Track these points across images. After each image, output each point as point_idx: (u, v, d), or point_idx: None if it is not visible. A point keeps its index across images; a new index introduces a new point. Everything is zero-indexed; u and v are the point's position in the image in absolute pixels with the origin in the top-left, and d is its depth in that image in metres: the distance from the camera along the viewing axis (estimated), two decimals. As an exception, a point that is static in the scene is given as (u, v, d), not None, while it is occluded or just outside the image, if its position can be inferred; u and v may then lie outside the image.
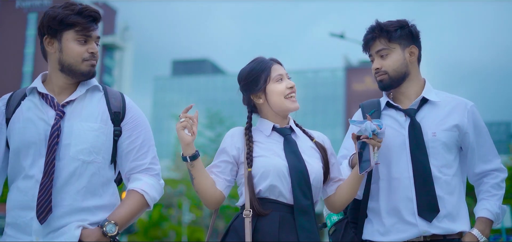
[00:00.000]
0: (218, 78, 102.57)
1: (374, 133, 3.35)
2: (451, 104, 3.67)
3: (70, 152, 3.14)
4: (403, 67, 3.64)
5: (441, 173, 3.55)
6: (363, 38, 3.73)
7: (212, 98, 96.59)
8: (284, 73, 3.56)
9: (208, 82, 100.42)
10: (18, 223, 3.10)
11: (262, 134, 3.57)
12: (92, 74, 3.24)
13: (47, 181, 3.07)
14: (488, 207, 3.57)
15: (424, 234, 3.51)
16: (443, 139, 3.57)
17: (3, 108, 3.23)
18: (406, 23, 3.69)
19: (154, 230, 38.24)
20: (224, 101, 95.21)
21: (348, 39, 25.38)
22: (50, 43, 3.18)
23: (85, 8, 3.17)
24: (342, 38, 24.83)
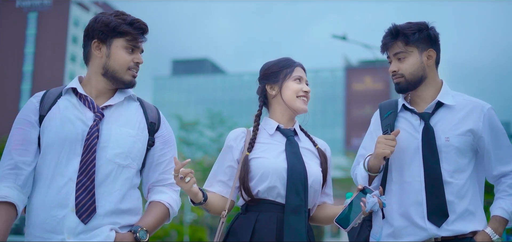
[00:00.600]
0: (217, 77, 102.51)
1: (372, 209, 3.35)
2: (467, 108, 3.65)
3: (107, 155, 3.19)
4: (420, 70, 3.64)
5: (452, 178, 3.55)
6: (381, 39, 3.74)
7: (211, 97, 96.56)
8: (304, 77, 3.68)
9: (207, 81, 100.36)
10: (48, 222, 3.10)
11: (266, 132, 3.65)
12: (132, 85, 3.33)
13: (87, 181, 3.12)
14: (503, 205, 3.55)
15: (433, 237, 3.52)
16: (456, 144, 3.57)
17: (37, 105, 3.24)
18: (425, 26, 3.67)
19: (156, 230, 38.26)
20: (224, 100, 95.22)
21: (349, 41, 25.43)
22: (98, 48, 3.25)
23: (137, 20, 3.28)
24: (344, 39, 24.78)
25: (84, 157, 3.15)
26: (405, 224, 3.59)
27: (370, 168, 3.67)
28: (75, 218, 3.10)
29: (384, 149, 3.54)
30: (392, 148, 3.55)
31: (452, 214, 3.51)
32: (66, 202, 3.11)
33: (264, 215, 3.46)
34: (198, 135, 50.41)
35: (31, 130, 3.20)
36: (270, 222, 3.43)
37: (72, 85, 3.29)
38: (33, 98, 3.28)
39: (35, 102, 3.25)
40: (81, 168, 3.13)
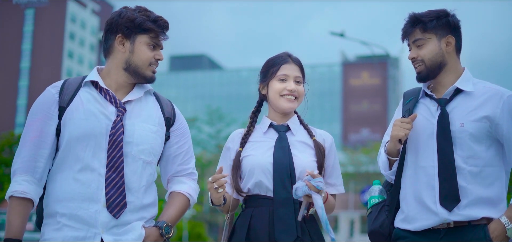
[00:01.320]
0: (215, 73, 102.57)
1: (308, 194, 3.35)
2: (486, 95, 3.62)
3: (133, 151, 3.24)
4: (439, 56, 3.65)
5: (466, 163, 3.55)
6: (402, 28, 3.75)
7: (209, 93, 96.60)
8: (293, 75, 3.67)
9: (205, 77, 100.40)
10: (80, 214, 3.11)
11: (260, 131, 3.72)
12: (153, 80, 3.39)
13: (116, 176, 3.17)
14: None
15: (445, 221, 3.53)
16: (470, 130, 3.55)
17: (57, 96, 3.22)
18: (444, 13, 3.69)
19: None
20: (221, 96, 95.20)
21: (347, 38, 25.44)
22: (121, 42, 3.27)
23: (160, 17, 3.33)
24: (342, 36, 24.83)
25: (111, 152, 3.17)
26: (418, 209, 3.61)
27: (388, 152, 3.72)
28: (107, 213, 3.14)
29: (398, 131, 3.58)
30: (406, 131, 3.58)
31: (464, 199, 3.52)
32: (97, 197, 3.14)
33: (257, 210, 3.54)
34: (197, 131, 50.45)
35: (50, 122, 3.18)
36: (263, 217, 3.50)
37: (93, 78, 3.29)
38: (52, 88, 3.26)
39: (54, 92, 3.23)
40: (109, 164, 3.17)
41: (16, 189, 3.07)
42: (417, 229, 3.60)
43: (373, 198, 3.89)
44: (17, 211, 3.06)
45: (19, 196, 3.07)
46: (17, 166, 3.14)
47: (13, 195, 3.07)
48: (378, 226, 3.79)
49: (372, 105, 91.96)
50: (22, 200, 3.07)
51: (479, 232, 3.48)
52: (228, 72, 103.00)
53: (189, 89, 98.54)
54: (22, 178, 3.10)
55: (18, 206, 3.07)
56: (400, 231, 3.68)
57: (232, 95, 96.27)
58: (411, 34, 3.69)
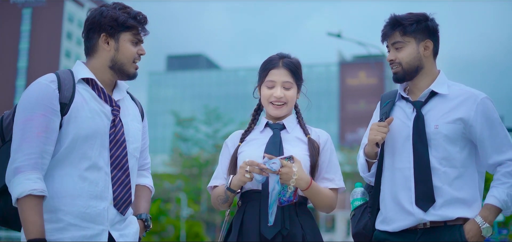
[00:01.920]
0: (212, 73, 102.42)
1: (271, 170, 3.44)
2: (461, 97, 3.71)
3: (130, 149, 3.34)
4: (416, 60, 3.73)
5: (441, 165, 3.63)
6: (382, 29, 3.82)
7: (206, 93, 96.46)
8: (280, 80, 3.70)
9: (202, 77, 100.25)
10: (88, 212, 3.14)
11: (256, 131, 3.83)
12: (135, 76, 3.44)
13: (122, 174, 3.27)
14: (495, 194, 3.60)
15: (421, 221, 3.62)
16: (444, 132, 3.64)
17: (56, 91, 3.16)
18: (424, 18, 3.77)
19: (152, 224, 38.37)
20: (219, 96, 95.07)
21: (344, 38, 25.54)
22: (106, 41, 3.31)
23: (139, 13, 3.38)
24: (339, 37, 24.99)
25: (114, 151, 3.26)
26: (395, 210, 3.69)
27: (367, 155, 3.83)
28: (114, 210, 3.24)
29: (375, 135, 3.68)
30: (383, 135, 3.68)
31: (440, 199, 3.60)
32: (105, 195, 3.21)
33: (250, 204, 3.62)
34: (194, 131, 50.42)
35: (54, 118, 3.13)
36: (254, 211, 3.59)
37: (87, 75, 3.31)
38: (51, 83, 3.19)
39: (54, 88, 3.17)
40: (114, 162, 3.25)
41: (35, 187, 2.98)
42: (395, 230, 3.69)
43: (355, 200, 4.00)
44: (37, 210, 2.97)
45: (37, 195, 2.99)
46: (22, 163, 3.03)
47: (32, 193, 2.97)
48: (362, 227, 3.89)
49: (369, 105, 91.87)
50: (40, 199, 3.00)
51: (455, 233, 3.57)
52: (226, 72, 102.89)
53: (186, 88, 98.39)
54: (35, 175, 3.03)
55: (38, 204, 2.98)
56: (379, 233, 3.79)
57: (229, 94, 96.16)
58: (390, 36, 3.77)
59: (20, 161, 3.04)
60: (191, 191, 46.10)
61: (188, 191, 45.15)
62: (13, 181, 3.02)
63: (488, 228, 3.54)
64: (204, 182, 46.20)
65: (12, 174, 3.04)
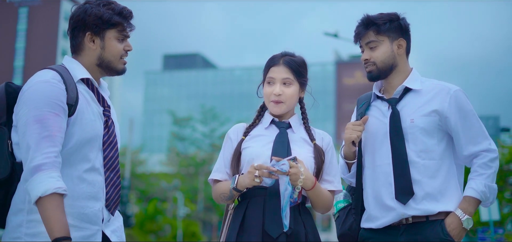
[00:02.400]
0: (209, 72, 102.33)
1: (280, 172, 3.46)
2: (434, 91, 3.77)
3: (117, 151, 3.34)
4: (390, 59, 3.79)
5: (419, 157, 3.68)
6: (354, 29, 3.86)
7: (203, 92, 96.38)
8: (279, 77, 3.72)
9: (199, 76, 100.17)
10: (86, 213, 3.13)
11: (261, 127, 3.81)
12: (124, 72, 3.40)
13: (114, 176, 3.28)
14: (473, 185, 3.63)
15: (403, 216, 3.66)
16: (420, 125, 3.69)
17: (65, 92, 3.12)
18: (396, 17, 3.83)
19: (149, 224, 38.32)
20: (215, 95, 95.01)
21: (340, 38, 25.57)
22: (91, 40, 3.28)
23: (124, 8, 3.34)
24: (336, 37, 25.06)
25: (107, 153, 3.25)
26: (378, 207, 3.74)
27: (345, 156, 3.89)
28: (105, 210, 3.25)
29: (351, 134, 3.77)
30: (358, 133, 3.76)
31: (420, 192, 3.65)
32: (100, 195, 3.20)
33: (253, 200, 3.62)
34: (191, 130, 50.44)
35: (65, 119, 3.09)
36: (257, 206, 3.59)
37: (86, 76, 3.29)
38: (59, 83, 3.13)
39: (63, 88, 3.12)
40: (107, 164, 3.25)
41: (59, 185, 2.93)
42: (379, 227, 3.74)
43: (338, 202, 4.05)
44: (61, 208, 2.92)
45: (62, 193, 2.94)
46: (42, 161, 2.95)
47: (57, 191, 2.92)
48: (347, 228, 3.93)
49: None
50: (63, 197, 2.95)
51: (437, 228, 3.61)
52: (222, 71, 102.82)
53: (182, 88, 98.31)
54: (56, 174, 2.97)
55: (62, 203, 2.93)
56: (364, 231, 3.84)
57: (226, 94, 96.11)
58: (364, 36, 3.82)
59: (39, 160, 2.96)
60: (188, 190, 46.12)
61: (184, 190, 45.19)
62: (34, 179, 2.94)
63: (468, 220, 3.58)
64: (201, 182, 46.26)
65: (31, 173, 2.95)
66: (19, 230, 3.06)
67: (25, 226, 3.06)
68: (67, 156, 3.11)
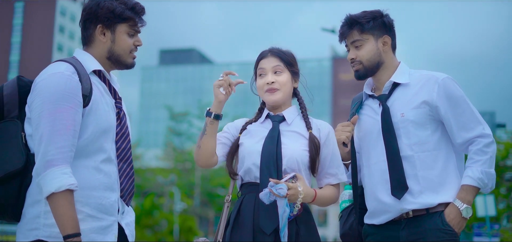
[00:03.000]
0: (205, 67, 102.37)
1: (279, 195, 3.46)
2: (421, 81, 3.74)
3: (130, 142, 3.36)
4: (376, 56, 3.79)
5: (412, 151, 3.66)
6: (338, 30, 3.88)
7: (199, 87, 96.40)
8: (269, 67, 3.77)
9: (195, 71, 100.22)
10: (103, 203, 3.13)
11: (257, 123, 3.85)
12: (133, 66, 3.42)
13: (127, 167, 3.29)
14: (469, 174, 3.58)
15: (402, 212, 3.65)
16: (411, 118, 3.67)
17: (80, 84, 3.10)
18: (379, 14, 3.83)
19: (146, 219, 38.35)
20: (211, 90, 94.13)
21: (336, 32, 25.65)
22: (102, 32, 3.28)
23: (136, 3, 3.35)
24: (333, 32, 25.13)
25: (120, 144, 3.27)
26: (376, 204, 3.74)
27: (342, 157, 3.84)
28: (121, 201, 3.26)
29: (340, 135, 3.81)
30: (347, 134, 3.79)
31: (417, 186, 3.63)
32: (115, 186, 3.22)
33: (247, 196, 3.65)
34: (188, 125, 50.47)
35: (80, 110, 3.08)
36: (250, 203, 3.62)
37: (98, 67, 3.28)
38: (73, 75, 3.11)
39: (77, 80, 3.10)
40: (120, 155, 3.27)
41: (73, 182, 2.94)
42: (381, 223, 3.73)
43: (343, 202, 4.05)
44: (73, 205, 2.94)
45: (74, 189, 2.95)
46: (55, 156, 2.96)
47: (70, 188, 2.93)
48: (348, 228, 3.94)
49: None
50: (73, 194, 2.97)
51: (436, 219, 3.58)
52: (218, 66, 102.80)
53: (179, 83, 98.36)
54: (69, 169, 2.98)
55: (73, 199, 2.95)
56: (367, 227, 3.84)
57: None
58: (348, 35, 3.83)
59: (53, 154, 2.96)
60: (184, 185, 46.09)
61: (181, 185, 45.14)
62: (46, 174, 2.94)
63: (467, 209, 3.55)
64: (197, 177, 46.24)
65: (44, 167, 2.95)
66: (37, 221, 3.05)
67: (43, 217, 3.04)
68: (83, 147, 3.10)
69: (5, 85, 3.24)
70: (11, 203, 3.07)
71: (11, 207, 3.08)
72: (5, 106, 3.18)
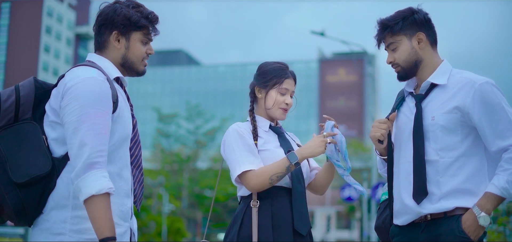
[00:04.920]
0: (192, 69, 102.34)
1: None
2: (459, 85, 3.64)
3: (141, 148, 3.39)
4: (412, 55, 3.73)
5: (438, 156, 3.60)
6: (374, 36, 3.85)
7: (186, 89, 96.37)
8: (291, 90, 3.96)
9: (182, 73, 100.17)
10: (123, 210, 3.16)
11: (261, 129, 3.95)
12: (144, 73, 3.46)
13: (138, 173, 3.33)
14: (495, 181, 3.48)
15: (419, 215, 3.63)
16: (441, 123, 3.60)
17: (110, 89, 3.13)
18: (410, 12, 3.77)
19: (135, 220, 38.44)
20: (199, 92, 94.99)
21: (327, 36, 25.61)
22: (117, 39, 3.29)
23: (151, 12, 3.38)
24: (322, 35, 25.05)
25: (134, 150, 3.30)
26: (399, 204, 3.74)
27: (379, 152, 3.91)
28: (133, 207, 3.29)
29: (375, 132, 3.78)
30: (382, 131, 3.75)
31: (438, 191, 3.58)
32: (130, 193, 3.25)
33: (278, 200, 3.79)
34: (176, 126, 50.48)
35: (111, 116, 3.10)
36: (285, 206, 3.78)
37: (119, 74, 3.30)
38: (105, 80, 3.13)
39: (108, 85, 3.12)
40: (134, 162, 3.30)
41: (111, 185, 2.94)
42: (403, 224, 3.72)
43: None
44: (110, 208, 2.93)
45: (112, 193, 2.94)
46: (96, 159, 2.96)
47: (109, 191, 2.93)
48: (381, 222, 4.04)
49: (348, 102, 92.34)
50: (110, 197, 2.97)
51: (453, 223, 3.51)
52: (206, 68, 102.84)
53: (166, 84, 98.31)
54: (107, 173, 2.98)
55: (110, 203, 2.94)
56: (394, 227, 3.83)
57: (209, 90, 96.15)
58: (383, 39, 3.79)
59: (94, 157, 2.96)
60: (173, 187, 46.09)
61: (169, 187, 45.13)
62: (88, 176, 2.93)
63: (485, 218, 3.44)
64: (185, 179, 46.23)
65: (84, 170, 2.94)
66: (63, 226, 3.02)
67: (70, 222, 3.03)
68: (109, 153, 3.09)
69: (21, 85, 3.18)
70: (32, 207, 3.04)
71: (31, 212, 3.05)
72: (20, 107, 3.13)
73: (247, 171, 3.72)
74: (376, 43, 3.85)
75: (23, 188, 3.01)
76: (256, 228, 3.71)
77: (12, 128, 3.09)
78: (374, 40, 3.86)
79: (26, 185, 3.01)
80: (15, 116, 3.09)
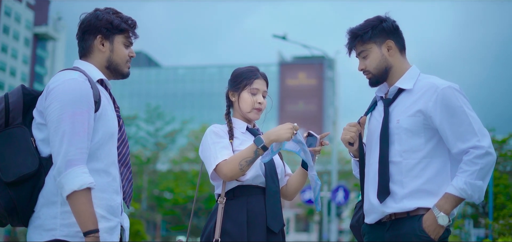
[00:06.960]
0: (152, 71, 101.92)
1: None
2: (423, 89, 3.77)
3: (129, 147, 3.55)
4: (382, 62, 3.87)
5: (402, 157, 3.74)
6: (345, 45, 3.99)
7: (146, 91, 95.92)
8: (262, 89, 4.18)
9: (142, 75, 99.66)
10: (112, 205, 3.33)
11: (238, 131, 4.14)
12: (128, 76, 3.67)
13: (127, 171, 3.52)
14: (454, 183, 3.60)
15: (383, 214, 3.77)
16: (405, 125, 3.74)
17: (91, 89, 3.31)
18: (378, 21, 3.90)
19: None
20: (158, 94, 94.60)
21: (289, 40, 25.66)
22: (101, 43, 3.51)
23: (129, 18, 3.63)
24: (284, 39, 25.07)
25: (121, 149, 3.51)
26: (367, 204, 3.89)
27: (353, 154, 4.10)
28: (122, 203, 3.48)
29: (345, 135, 4.00)
30: (351, 134, 3.96)
31: (401, 191, 3.72)
32: (119, 189, 3.43)
33: (253, 198, 3.98)
34: (136, 128, 50.24)
35: (93, 115, 3.28)
36: (260, 204, 3.98)
37: (102, 76, 3.50)
38: (85, 81, 3.32)
39: (89, 85, 3.31)
40: (121, 160, 3.50)
41: (92, 181, 3.14)
42: (371, 222, 3.88)
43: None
44: (92, 202, 3.13)
45: (92, 188, 3.14)
46: (75, 156, 3.15)
47: (90, 186, 3.12)
48: (355, 221, 4.15)
49: (308, 106, 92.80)
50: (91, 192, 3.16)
51: (415, 223, 3.66)
52: (165, 70, 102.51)
53: (125, 86, 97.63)
54: (87, 169, 3.18)
55: (91, 197, 3.14)
56: (365, 225, 3.98)
57: (169, 93, 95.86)
58: (354, 48, 3.94)
59: (73, 154, 3.15)
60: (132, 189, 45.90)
61: (128, 190, 44.84)
62: (68, 173, 3.12)
63: (443, 217, 3.57)
64: (145, 181, 45.99)
65: (65, 167, 3.13)
66: (54, 221, 3.21)
67: (60, 218, 3.21)
68: (94, 150, 3.29)
69: (10, 93, 3.38)
70: (23, 205, 3.22)
71: (22, 210, 3.23)
72: (10, 113, 3.32)
73: (220, 162, 3.89)
74: (347, 51, 3.98)
75: (13, 187, 3.20)
76: (220, 224, 3.87)
77: (3, 133, 3.28)
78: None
79: (16, 184, 3.20)
80: (5, 122, 3.31)
